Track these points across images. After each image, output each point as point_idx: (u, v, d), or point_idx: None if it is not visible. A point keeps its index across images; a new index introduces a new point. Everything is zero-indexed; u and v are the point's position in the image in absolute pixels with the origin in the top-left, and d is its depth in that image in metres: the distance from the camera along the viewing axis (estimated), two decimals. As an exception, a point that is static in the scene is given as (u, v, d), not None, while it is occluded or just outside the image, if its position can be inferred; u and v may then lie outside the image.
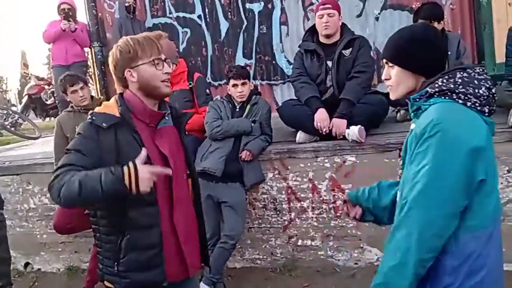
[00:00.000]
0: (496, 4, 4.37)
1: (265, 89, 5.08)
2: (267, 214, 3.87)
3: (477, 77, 1.57)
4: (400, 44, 1.64)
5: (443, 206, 1.48)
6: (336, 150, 3.66)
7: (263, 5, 5.02)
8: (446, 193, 1.48)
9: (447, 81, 1.56)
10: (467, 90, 1.54)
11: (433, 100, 1.57)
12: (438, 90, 1.56)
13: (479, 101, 1.54)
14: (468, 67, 1.60)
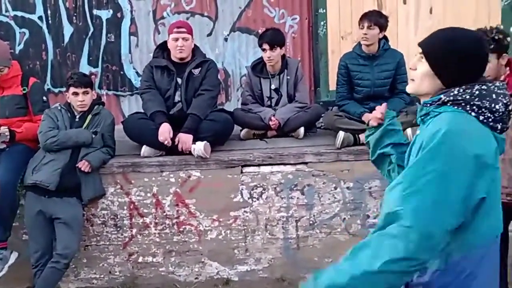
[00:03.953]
0: (331, 36, 4.85)
1: (112, 99, 4.88)
2: (106, 231, 3.68)
3: (496, 91, 1.50)
4: (444, 47, 1.52)
5: (441, 221, 1.39)
6: (182, 165, 3.66)
7: (112, 13, 4.84)
8: (445, 205, 1.39)
9: (464, 91, 1.48)
10: (482, 104, 1.47)
11: (443, 108, 1.49)
12: (453, 99, 1.48)
13: (493, 116, 1.48)
14: (489, 81, 1.54)
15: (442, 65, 1.52)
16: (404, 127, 3.61)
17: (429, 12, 4.89)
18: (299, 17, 4.82)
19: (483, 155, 1.42)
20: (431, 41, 1.56)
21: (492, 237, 1.53)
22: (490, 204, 1.47)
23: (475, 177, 1.41)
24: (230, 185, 3.63)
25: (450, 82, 1.52)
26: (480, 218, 1.45)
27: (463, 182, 1.39)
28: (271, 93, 4.00)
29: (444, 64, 1.52)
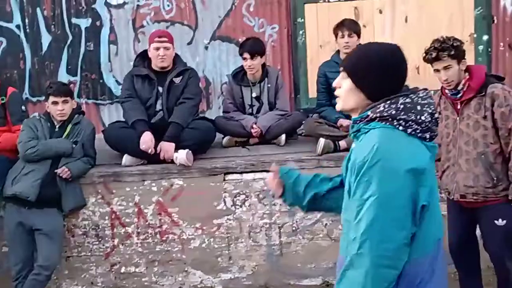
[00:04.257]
0: (310, 45, 4.92)
1: (91, 108, 4.84)
2: (88, 242, 3.66)
3: (420, 102, 1.54)
4: (363, 62, 1.58)
5: (395, 237, 1.44)
6: (164, 173, 3.65)
7: (91, 22, 4.81)
8: (396, 223, 1.44)
9: (389, 106, 1.52)
10: (408, 117, 1.51)
11: (373, 124, 1.53)
12: (379, 115, 1.52)
13: (420, 127, 1.52)
14: (412, 92, 1.57)
15: (363, 79, 1.57)
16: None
17: (405, 21, 5.01)
18: (279, 26, 4.87)
19: (416, 168, 1.46)
20: (350, 58, 1.63)
21: (435, 242, 1.59)
22: (431, 211, 1.53)
23: (414, 186, 1.46)
24: (213, 193, 3.64)
25: (374, 94, 1.56)
26: (425, 225, 1.51)
27: (405, 197, 1.45)
28: (252, 101, 4.04)
29: (364, 78, 1.57)
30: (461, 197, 2.86)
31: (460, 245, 3.02)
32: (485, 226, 2.89)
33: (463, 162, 2.83)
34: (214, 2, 4.84)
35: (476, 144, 2.79)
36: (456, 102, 2.85)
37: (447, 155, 2.92)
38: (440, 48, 2.73)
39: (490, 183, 2.78)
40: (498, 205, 2.83)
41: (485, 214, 2.86)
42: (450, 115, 2.90)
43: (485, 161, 2.77)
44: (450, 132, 2.89)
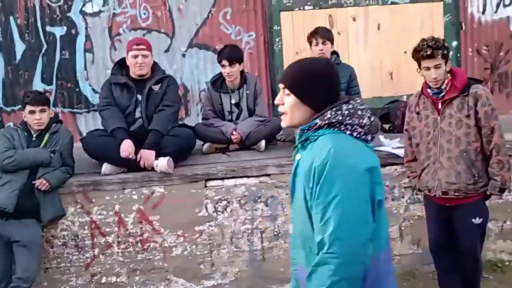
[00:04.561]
0: (286, 52, 5.00)
1: (68, 117, 4.78)
2: (67, 252, 3.59)
3: (360, 108, 1.65)
4: (302, 76, 1.67)
5: (362, 233, 1.52)
6: (144, 181, 3.63)
7: (66, 30, 4.77)
8: (361, 219, 1.52)
9: (335, 113, 1.62)
10: (353, 121, 1.62)
11: (321, 132, 1.62)
12: (328, 122, 1.62)
13: (363, 130, 1.64)
14: (350, 98, 1.69)
15: (305, 92, 1.66)
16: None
17: (377, 29, 5.15)
18: (255, 33, 4.94)
19: (371, 166, 1.58)
20: (289, 74, 1.72)
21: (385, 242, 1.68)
22: (383, 207, 1.64)
23: (372, 185, 1.56)
24: (194, 200, 3.64)
25: (317, 105, 1.66)
26: (379, 221, 1.61)
27: (366, 194, 1.54)
28: (231, 107, 4.06)
29: (306, 91, 1.66)
30: (443, 194, 2.94)
31: (441, 244, 3.10)
32: (463, 224, 2.97)
33: (445, 159, 2.92)
34: (190, 10, 4.88)
35: (458, 142, 2.89)
36: (437, 102, 2.94)
37: (427, 153, 3.00)
38: (435, 46, 2.81)
39: (471, 180, 2.89)
40: (475, 203, 2.95)
41: (463, 212, 2.96)
42: (430, 114, 2.98)
43: (467, 159, 2.88)
44: (431, 131, 2.97)
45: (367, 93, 4.63)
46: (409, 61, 5.08)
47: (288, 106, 1.69)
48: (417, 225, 3.78)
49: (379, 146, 3.89)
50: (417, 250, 3.81)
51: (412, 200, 3.78)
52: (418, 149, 3.09)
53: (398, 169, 3.75)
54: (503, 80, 5.20)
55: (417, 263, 3.80)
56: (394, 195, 3.77)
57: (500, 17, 5.19)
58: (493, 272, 3.66)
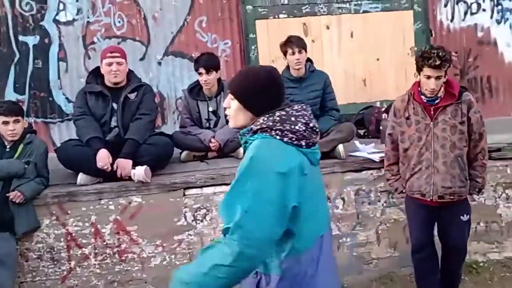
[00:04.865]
0: (262, 60, 5.04)
1: (41, 127, 4.69)
2: (43, 265, 3.51)
3: (295, 114, 1.75)
4: (245, 84, 1.79)
5: (263, 230, 1.62)
6: (121, 191, 3.59)
7: (39, 39, 4.70)
8: (265, 217, 1.62)
9: (267, 119, 1.73)
10: (284, 127, 1.71)
11: (257, 136, 1.73)
12: (260, 127, 1.73)
13: (295, 136, 1.71)
14: (287, 105, 1.79)
15: (247, 98, 1.79)
16: (336, 144, 3.83)
17: (350, 36, 5.25)
18: (231, 41, 4.97)
19: (287, 172, 1.65)
20: (234, 81, 1.85)
21: (316, 238, 1.79)
22: (306, 210, 1.72)
23: (284, 189, 1.64)
24: (173, 209, 3.62)
25: (257, 111, 1.78)
26: (301, 224, 1.71)
27: (275, 196, 1.63)
28: (209, 115, 4.06)
29: (248, 98, 1.79)
30: (439, 198, 3.01)
31: (425, 244, 3.16)
32: (453, 222, 3.08)
33: (440, 164, 2.98)
34: (166, 18, 4.88)
35: (453, 147, 2.96)
36: (429, 108, 2.98)
37: (419, 158, 3.03)
38: (444, 58, 2.82)
39: (464, 183, 3.01)
40: (461, 202, 3.07)
41: (451, 211, 3.06)
42: (422, 120, 3.01)
43: (461, 163, 2.98)
44: (423, 136, 3.01)
45: (341, 99, 4.69)
46: (381, 68, 5.28)
47: (233, 110, 1.83)
48: (393, 229, 3.85)
49: (355, 151, 3.96)
50: (394, 253, 3.87)
51: (388, 203, 3.84)
52: (406, 154, 3.10)
53: (373, 173, 3.82)
54: (472, 85, 5.37)
55: (394, 266, 3.86)
56: (371, 199, 3.83)
57: (468, 25, 5.37)
58: (468, 273, 3.74)
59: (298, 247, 1.72)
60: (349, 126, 4.05)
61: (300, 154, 1.73)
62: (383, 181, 3.77)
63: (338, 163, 3.80)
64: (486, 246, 3.97)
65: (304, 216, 1.71)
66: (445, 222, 3.11)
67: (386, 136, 3.28)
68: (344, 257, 3.80)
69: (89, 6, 4.78)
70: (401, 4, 5.25)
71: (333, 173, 3.78)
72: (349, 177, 3.80)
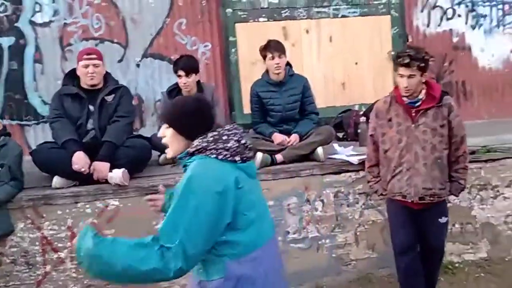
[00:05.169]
0: (242, 63, 5.06)
1: (16, 129, 4.59)
2: (17, 270, 3.44)
3: (227, 133, 1.89)
4: (176, 112, 1.94)
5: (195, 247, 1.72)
6: (98, 194, 3.54)
7: (14, 40, 4.61)
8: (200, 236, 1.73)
9: (201, 141, 1.87)
10: (217, 146, 1.85)
11: (194, 158, 1.86)
12: (195, 149, 1.87)
13: (229, 153, 1.85)
14: (219, 127, 1.94)
15: (180, 126, 1.93)
16: (316, 146, 3.85)
17: (329, 40, 5.30)
18: (211, 44, 4.96)
19: (222, 190, 1.77)
20: (166, 111, 2.02)
21: (258, 245, 1.89)
22: (250, 218, 1.85)
23: (221, 207, 1.77)
24: (151, 212, 3.50)
25: (191, 136, 1.91)
26: (240, 233, 1.83)
27: (212, 213, 1.75)
28: (188, 117, 4.03)
29: (181, 125, 1.93)
30: (419, 199, 3.05)
31: (409, 246, 3.18)
32: (431, 225, 3.13)
33: (421, 166, 3.02)
34: (145, 20, 4.85)
35: (433, 150, 3.00)
36: (410, 110, 3.02)
37: (400, 160, 3.06)
38: (414, 57, 2.87)
39: (443, 185, 3.06)
40: (440, 204, 3.12)
41: (430, 214, 3.10)
42: (403, 122, 3.04)
43: (441, 165, 3.02)
44: (403, 138, 3.04)
45: (320, 103, 4.74)
46: (359, 72, 5.34)
47: (168, 138, 1.97)
48: (371, 230, 3.88)
49: (334, 154, 3.99)
50: (372, 254, 3.91)
51: (367, 205, 3.88)
52: (387, 155, 3.13)
53: (352, 176, 3.85)
54: (447, 89, 5.46)
55: (373, 267, 3.90)
56: (349, 201, 3.86)
57: (444, 30, 5.48)
58: (444, 274, 3.79)
59: (238, 253, 1.83)
60: (328, 129, 4.07)
61: (236, 170, 1.86)
62: (361, 183, 3.81)
63: (318, 165, 3.83)
64: (461, 247, 4.04)
65: (247, 223, 1.84)
66: (424, 224, 3.14)
67: (368, 137, 3.31)
68: (324, 258, 3.83)
69: (66, 8, 4.73)
70: (378, 9, 5.34)
71: (313, 176, 3.80)
72: (328, 179, 3.83)
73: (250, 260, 1.85)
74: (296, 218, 3.79)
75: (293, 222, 3.79)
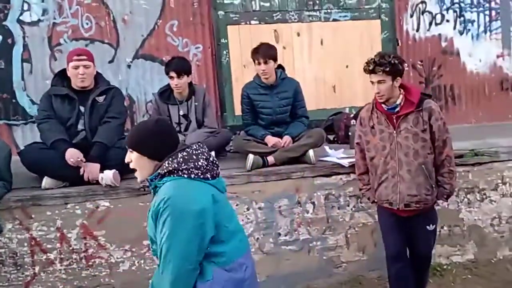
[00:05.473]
0: (234, 65, 5.06)
1: (3, 129, 4.54)
2: (5, 271, 3.39)
3: (195, 153, 1.95)
4: (138, 135, 2.00)
5: (184, 264, 1.86)
6: (88, 195, 3.51)
7: (2, 39, 4.55)
8: (184, 253, 1.85)
9: (172, 161, 1.91)
10: (188, 166, 1.90)
11: (166, 179, 1.91)
12: (166, 170, 1.91)
13: (200, 171, 1.92)
14: (187, 146, 1.99)
15: (144, 148, 1.98)
16: (307, 149, 3.87)
17: (321, 44, 5.34)
18: (202, 46, 4.96)
19: (202, 208, 1.87)
20: (129, 137, 2.06)
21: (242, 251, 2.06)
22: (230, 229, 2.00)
23: (199, 224, 1.87)
24: (142, 213, 3.47)
25: (157, 156, 1.97)
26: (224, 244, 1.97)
27: (194, 233, 1.86)
28: (180, 119, 4.03)
29: (145, 148, 1.98)
30: (405, 206, 3.02)
31: (400, 253, 3.17)
32: (419, 232, 3.12)
33: (405, 172, 3.01)
34: (136, 21, 4.83)
35: (416, 155, 2.98)
36: (391, 117, 3.01)
37: (385, 167, 3.06)
38: (378, 62, 2.90)
39: (430, 191, 3.03)
40: (428, 211, 3.10)
41: (418, 221, 3.09)
42: (385, 129, 3.04)
43: (425, 171, 2.99)
44: (387, 145, 3.03)
45: (312, 105, 4.76)
46: (350, 75, 5.37)
47: (135, 162, 2.02)
48: (362, 233, 3.91)
49: (325, 156, 4.01)
50: (362, 256, 3.93)
51: (357, 208, 3.90)
52: (373, 162, 3.13)
53: (343, 178, 3.87)
54: (436, 93, 5.55)
55: (363, 270, 3.92)
56: (340, 203, 3.88)
57: (433, 34, 5.56)
58: (433, 276, 3.83)
59: (223, 261, 1.96)
60: (319, 131, 4.09)
61: (208, 186, 1.94)
62: (352, 186, 3.83)
63: (309, 168, 3.84)
64: (449, 249, 4.08)
65: (229, 235, 1.98)
66: (412, 231, 3.14)
67: (354, 145, 3.32)
68: (314, 260, 3.84)
69: (56, 7, 4.68)
70: (369, 13, 5.39)
71: (304, 178, 3.82)
72: (319, 182, 3.84)
73: (236, 266, 1.99)
74: (288, 220, 3.80)
75: (284, 224, 3.80)
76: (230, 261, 1.98)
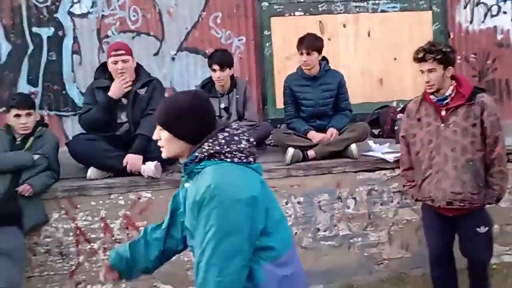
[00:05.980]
0: (277, 57, 5.00)
1: (54, 120, 4.69)
2: (51, 260, 3.50)
3: (236, 133, 1.71)
4: (169, 112, 1.71)
5: (234, 262, 1.60)
6: (131, 186, 3.57)
7: (53, 31, 4.70)
8: (234, 249, 1.60)
9: (213, 144, 1.67)
10: (231, 148, 1.67)
11: (204, 163, 1.66)
12: (207, 154, 1.66)
13: (243, 154, 1.68)
14: (226, 126, 1.75)
15: (176, 128, 1.71)
16: (349, 143, 3.77)
17: (367, 35, 5.17)
18: (246, 38, 4.92)
19: (250, 195, 1.62)
20: (159, 112, 1.76)
21: (289, 244, 1.80)
22: (274, 222, 1.71)
23: (251, 213, 1.62)
24: None
25: (191, 138, 1.71)
26: (273, 236, 1.70)
27: (242, 222, 1.61)
28: (220, 112, 4.02)
29: (177, 127, 1.71)
30: (447, 204, 2.85)
31: (442, 255, 3.03)
32: (467, 233, 2.93)
33: (450, 168, 2.83)
34: (180, 14, 4.85)
35: (464, 151, 2.80)
36: (440, 109, 2.86)
37: (430, 162, 2.89)
38: (428, 50, 2.77)
39: (476, 190, 2.82)
40: (478, 212, 2.90)
41: (467, 221, 2.90)
42: (433, 121, 2.88)
43: (473, 168, 2.81)
44: (433, 139, 2.87)
45: (357, 98, 4.64)
46: (398, 67, 5.18)
47: (163, 141, 1.76)
48: (406, 229, 3.78)
49: (369, 151, 3.89)
50: (406, 254, 3.81)
51: (401, 204, 3.78)
52: (418, 157, 2.97)
53: (387, 173, 3.75)
54: (490, 87, 5.26)
55: (406, 267, 3.80)
56: (383, 199, 3.77)
57: (488, 27, 5.27)
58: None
59: (275, 255, 1.72)
60: (362, 125, 3.97)
61: (252, 171, 1.71)
62: (397, 181, 3.71)
63: (350, 162, 3.74)
64: (500, 248, 3.86)
65: (276, 224, 1.72)
66: (460, 233, 2.97)
67: (400, 138, 3.19)
68: (355, 257, 3.76)
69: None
70: (419, 4, 5.17)
71: (345, 173, 3.73)
72: (362, 177, 3.74)
73: (286, 260, 1.75)
74: (327, 215, 3.72)
75: (323, 219, 3.72)
76: (280, 255, 1.72)
